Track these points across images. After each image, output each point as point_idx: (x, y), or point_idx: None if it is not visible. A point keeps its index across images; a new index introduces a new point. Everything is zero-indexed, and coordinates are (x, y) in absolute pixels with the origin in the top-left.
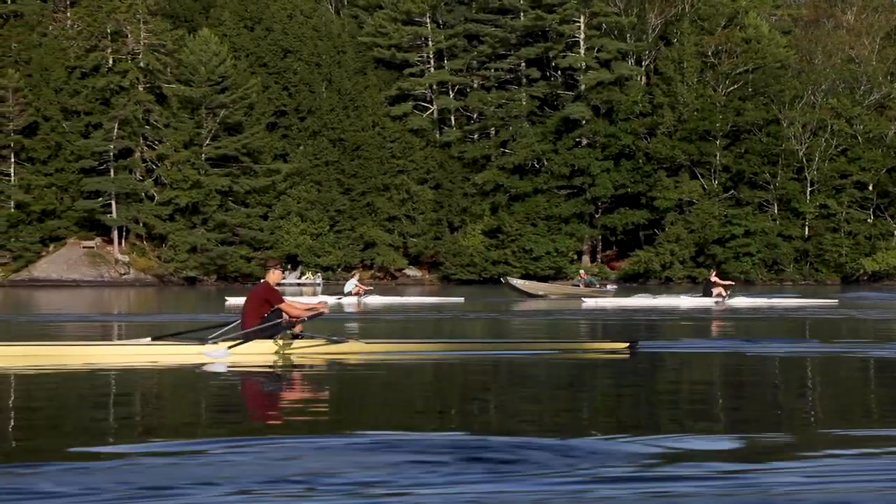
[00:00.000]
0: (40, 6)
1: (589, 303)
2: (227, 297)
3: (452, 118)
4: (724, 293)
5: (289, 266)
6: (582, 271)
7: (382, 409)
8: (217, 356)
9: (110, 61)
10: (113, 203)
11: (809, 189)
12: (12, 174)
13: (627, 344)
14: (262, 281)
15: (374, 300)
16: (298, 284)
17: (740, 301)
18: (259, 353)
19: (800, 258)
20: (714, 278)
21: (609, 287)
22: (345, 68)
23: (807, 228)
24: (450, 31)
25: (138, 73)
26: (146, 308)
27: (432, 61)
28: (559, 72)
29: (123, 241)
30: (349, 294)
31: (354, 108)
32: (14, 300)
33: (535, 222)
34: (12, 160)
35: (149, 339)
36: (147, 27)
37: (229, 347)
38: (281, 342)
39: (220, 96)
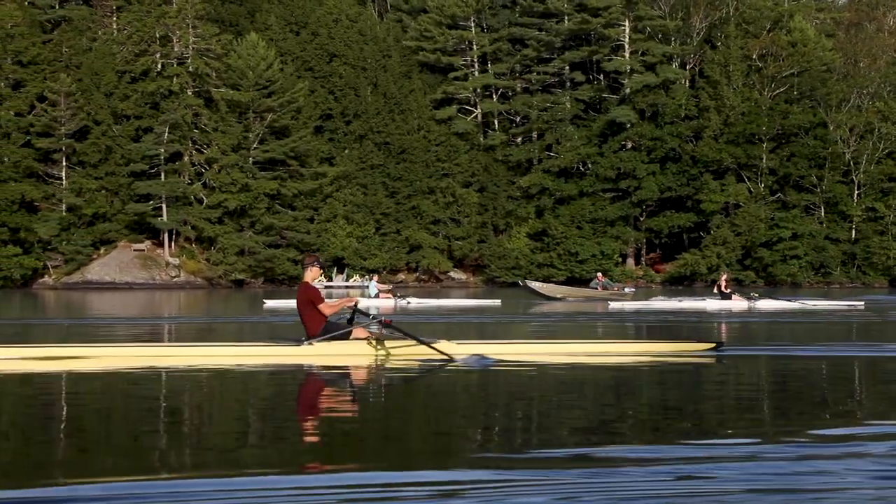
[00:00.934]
0: (89, 11)
1: (615, 305)
2: (265, 300)
3: (496, 122)
4: (741, 297)
5: (335, 268)
6: (599, 274)
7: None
8: (472, 362)
9: (159, 66)
10: (163, 206)
11: (857, 192)
12: (64, 178)
13: (713, 345)
14: (302, 281)
15: (408, 303)
16: (347, 287)
17: (766, 304)
18: (352, 353)
19: (847, 261)
20: (722, 283)
21: (627, 290)
22: (390, 72)
23: (854, 231)
24: (494, 35)
25: (187, 78)
26: (215, 310)
27: (476, 65)
28: (603, 75)
29: (173, 244)
30: (377, 296)
31: (400, 111)
32: (83, 302)
33: (581, 225)
34: (64, 164)
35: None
36: (195, 32)
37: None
38: (374, 342)
39: (267, 100)
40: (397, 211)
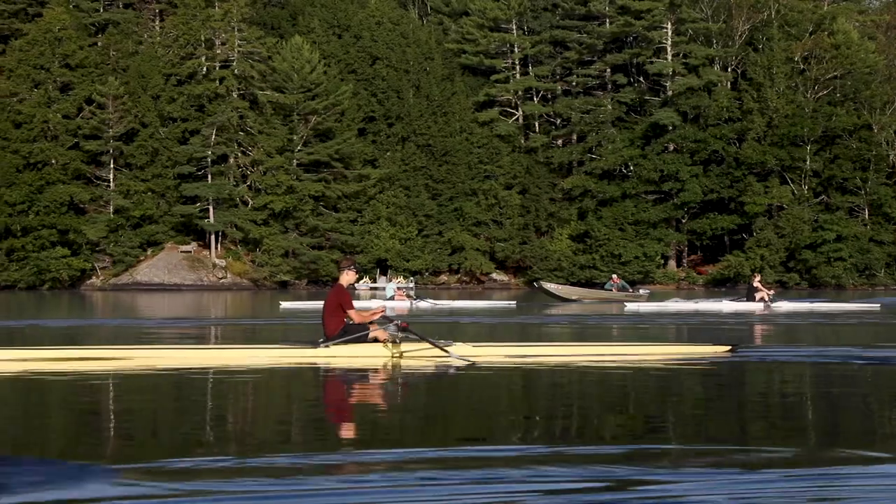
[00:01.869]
0: (134, 14)
1: (631, 307)
2: (281, 302)
3: (536, 124)
4: (766, 297)
5: (377, 271)
6: (615, 276)
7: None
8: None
9: (204, 69)
10: (210, 208)
11: None
12: (111, 180)
13: (729, 348)
14: (336, 283)
15: (426, 304)
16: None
17: (784, 305)
18: (367, 355)
19: (892, 263)
20: (756, 283)
21: (641, 292)
22: (432, 75)
23: None
24: (536, 38)
25: (233, 81)
26: (237, 312)
27: (518, 67)
28: (645, 77)
29: (219, 245)
30: (391, 298)
31: (442, 114)
32: (130, 303)
33: (623, 227)
34: (111, 166)
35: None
36: (241, 35)
37: (421, 339)
38: (389, 345)
39: (311, 103)
40: (440, 213)
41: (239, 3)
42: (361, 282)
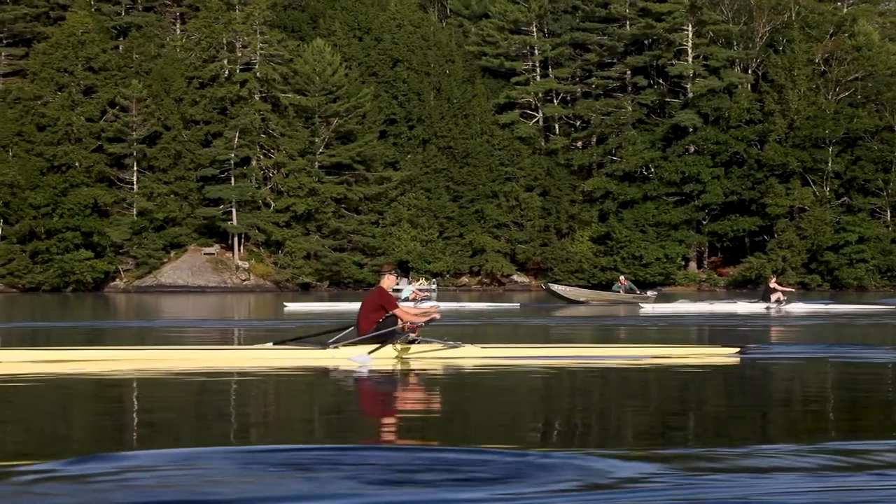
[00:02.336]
0: (156, 18)
1: (647, 308)
2: (285, 304)
3: (557, 126)
4: (782, 298)
5: (399, 273)
6: (622, 277)
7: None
8: (361, 361)
9: (226, 72)
10: (233, 211)
11: None
12: (135, 182)
13: (737, 350)
14: (376, 286)
15: (442, 306)
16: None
17: (797, 307)
18: (379, 357)
19: None
20: (774, 284)
21: (649, 293)
22: (453, 77)
23: None
24: (556, 40)
25: (255, 84)
26: (242, 313)
27: (538, 70)
28: (665, 79)
29: (241, 247)
30: (407, 300)
31: (463, 116)
32: (153, 305)
33: (644, 229)
34: (135, 168)
35: (270, 343)
36: (263, 38)
37: (370, 353)
38: (399, 347)
39: (333, 105)
40: (461, 215)
41: (261, 6)
42: (418, 283)
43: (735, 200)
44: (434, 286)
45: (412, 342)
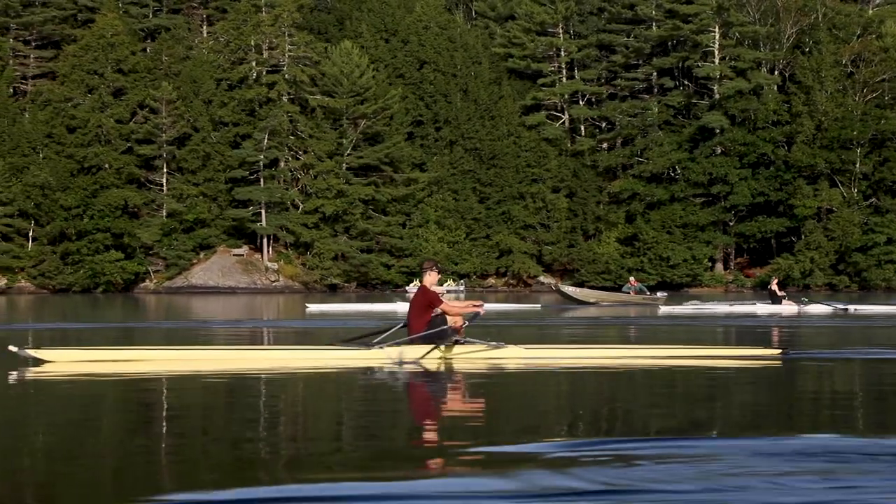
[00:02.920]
0: (183, 20)
1: (664, 309)
2: (307, 305)
3: (582, 127)
4: (792, 301)
5: (441, 268)
6: (632, 279)
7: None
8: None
9: (254, 74)
10: (262, 212)
11: None
12: (164, 184)
13: (780, 351)
14: (420, 285)
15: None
16: (443, 292)
17: (815, 308)
18: (419, 357)
19: None
20: (774, 287)
21: (659, 294)
22: (480, 78)
23: None
24: (582, 42)
25: (284, 86)
26: (266, 314)
27: (564, 71)
28: (692, 81)
29: (270, 249)
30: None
31: (490, 117)
32: (197, 306)
33: (671, 230)
34: (164, 170)
35: (329, 345)
36: (291, 40)
37: (422, 356)
38: (443, 347)
39: (361, 107)
40: (487, 216)
41: (289, 8)
42: (412, 284)
43: (762, 202)
44: (462, 287)
45: (456, 343)
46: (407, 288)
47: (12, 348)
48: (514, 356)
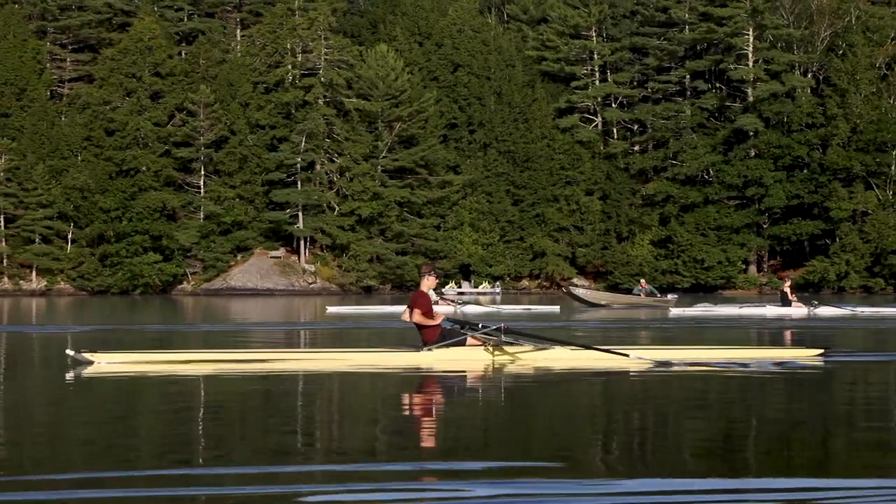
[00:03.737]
0: (220, 24)
1: (674, 311)
2: (327, 307)
3: (615, 130)
4: (802, 303)
5: (460, 276)
6: (642, 281)
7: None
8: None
9: (290, 77)
10: (300, 214)
11: None
12: (202, 186)
13: (821, 351)
14: (419, 289)
15: (473, 309)
16: (478, 294)
17: (826, 311)
18: (470, 358)
19: None
20: (786, 289)
21: (669, 297)
22: (514, 81)
23: None
24: (615, 45)
25: (321, 89)
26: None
27: (597, 74)
28: (725, 83)
29: (307, 251)
30: (436, 303)
31: (524, 120)
32: (239, 308)
33: (705, 232)
34: (202, 172)
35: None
36: (327, 43)
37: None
38: (491, 348)
39: (396, 110)
40: (521, 218)
41: (325, 11)
42: (448, 286)
43: (797, 204)
44: (498, 289)
45: (506, 343)
46: (443, 290)
47: (69, 352)
48: (561, 357)
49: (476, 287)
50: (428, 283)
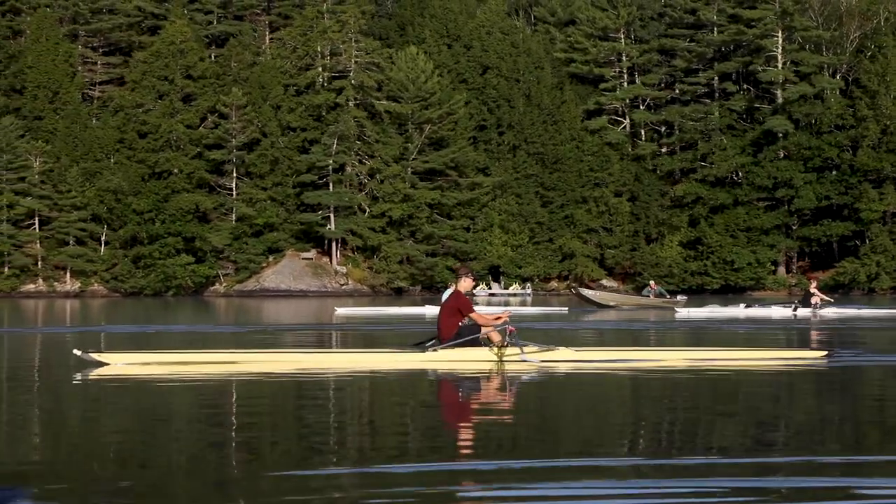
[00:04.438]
0: (250, 27)
1: (682, 313)
2: (336, 308)
3: (643, 132)
4: (817, 303)
5: (490, 277)
6: (652, 282)
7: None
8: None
9: (321, 79)
10: (331, 216)
11: None
12: (234, 188)
13: (825, 353)
14: (455, 289)
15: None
16: (509, 295)
17: (830, 312)
18: (475, 360)
19: None
20: (813, 289)
21: (679, 298)
22: (543, 83)
23: None
24: (644, 47)
25: (352, 91)
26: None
27: (626, 76)
28: (753, 85)
29: (338, 252)
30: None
31: (553, 122)
32: (260, 310)
33: (735, 234)
34: (234, 175)
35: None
36: (357, 45)
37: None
38: (495, 349)
39: (426, 112)
40: (551, 220)
41: (355, 14)
42: (478, 288)
43: (826, 205)
44: (529, 290)
45: (509, 344)
46: (474, 292)
47: (76, 352)
48: (565, 358)
49: (506, 289)
50: (465, 285)
